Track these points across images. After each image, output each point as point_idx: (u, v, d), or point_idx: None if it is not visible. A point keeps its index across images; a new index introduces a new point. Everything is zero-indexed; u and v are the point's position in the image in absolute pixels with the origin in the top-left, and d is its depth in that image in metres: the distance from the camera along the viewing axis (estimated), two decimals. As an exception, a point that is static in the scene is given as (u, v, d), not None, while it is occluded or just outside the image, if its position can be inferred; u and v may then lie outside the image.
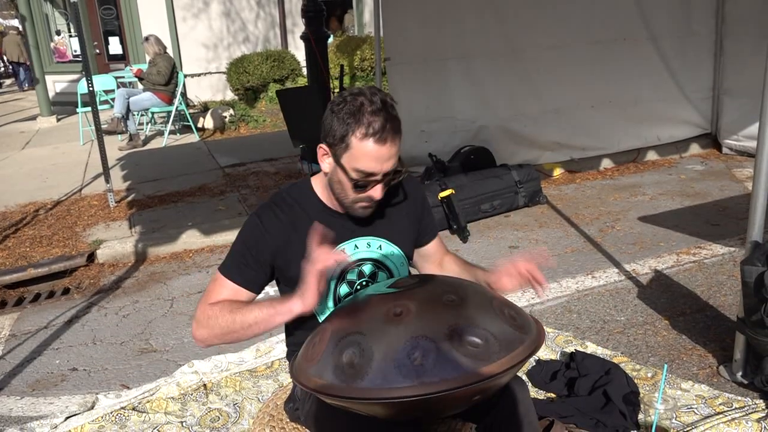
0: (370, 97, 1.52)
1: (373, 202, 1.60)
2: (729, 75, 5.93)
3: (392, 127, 1.51)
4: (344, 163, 1.54)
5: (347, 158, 1.53)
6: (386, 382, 1.26)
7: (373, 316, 1.38)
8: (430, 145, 5.16)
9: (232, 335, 1.56)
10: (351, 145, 1.51)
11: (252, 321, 1.52)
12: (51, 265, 4.23)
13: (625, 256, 3.92)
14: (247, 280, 1.63)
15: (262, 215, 1.65)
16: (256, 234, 1.64)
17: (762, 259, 2.34)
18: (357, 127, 1.50)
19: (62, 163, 7.36)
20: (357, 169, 1.53)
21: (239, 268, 1.63)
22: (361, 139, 1.50)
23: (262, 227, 1.63)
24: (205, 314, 1.59)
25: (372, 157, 1.51)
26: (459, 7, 5.16)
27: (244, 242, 1.65)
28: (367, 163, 1.52)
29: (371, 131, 1.49)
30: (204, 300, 1.63)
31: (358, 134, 1.50)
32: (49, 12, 11.56)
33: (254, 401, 2.60)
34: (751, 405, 2.36)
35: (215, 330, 1.57)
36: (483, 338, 1.31)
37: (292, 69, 10.36)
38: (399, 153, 1.56)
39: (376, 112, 1.50)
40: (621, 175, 5.67)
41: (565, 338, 2.94)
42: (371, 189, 1.56)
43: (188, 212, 5.21)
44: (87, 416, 2.52)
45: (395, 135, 1.52)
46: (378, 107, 1.50)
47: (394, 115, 1.53)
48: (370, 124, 1.49)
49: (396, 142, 1.53)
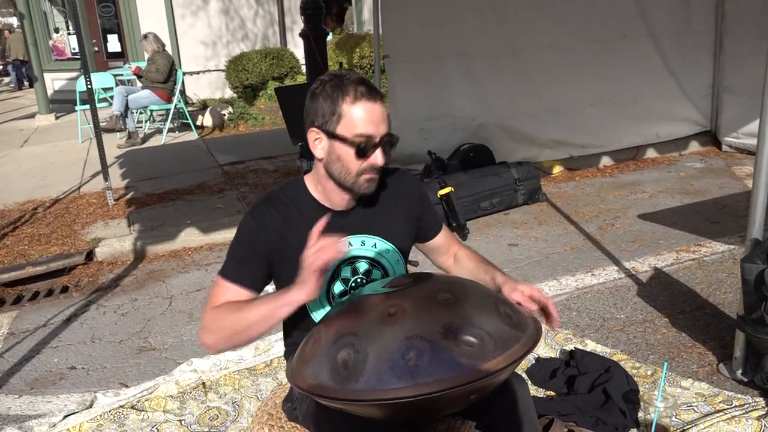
0: (346, 72, 1.59)
1: (376, 170, 1.60)
2: (728, 73, 5.92)
3: (379, 92, 1.57)
4: (341, 133, 1.55)
5: (343, 127, 1.55)
6: (381, 383, 1.26)
7: (368, 317, 1.37)
8: (430, 143, 5.16)
9: (239, 336, 1.56)
10: (343, 113, 1.54)
11: (257, 318, 1.52)
12: (49, 264, 4.23)
13: (625, 253, 3.92)
14: (248, 280, 1.63)
15: (256, 214, 1.65)
16: (251, 232, 1.63)
17: (762, 257, 2.34)
18: (345, 95, 1.53)
19: (61, 161, 7.34)
20: (356, 134, 1.54)
21: (238, 268, 1.63)
22: (353, 103, 1.53)
23: (257, 225, 1.63)
24: (210, 319, 1.59)
25: (368, 117, 1.54)
26: (458, 5, 5.16)
27: (241, 241, 1.65)
28: (365, 125, 1.54)
29: (360, 93, 1.53)
30: (207, 306, 1.63)
31: (348, 100, 1.53)
32: (48, 10, 11.53)
33: (253, 399, 2.60)
34: (751, 403, 2.35)
35: (222, 333, 1.56)
36: (478, 337, 1.30)
37: (291, 66, 10.34)
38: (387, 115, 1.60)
39: (358, 80, 1.56)
40: (620, 173, 5.67)
41: (565, 336, 2.93)
42: (372, 155, 1.57)
43: (187, 210, 5.20)
44: (85, 415, 2.51)
45: (381, 98, 1.57)
46: (357, 77, 1.57)
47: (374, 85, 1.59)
48: (357, 88, 1.54)
49: (383, 103, 1.58)
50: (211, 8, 10.88)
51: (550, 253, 4.03)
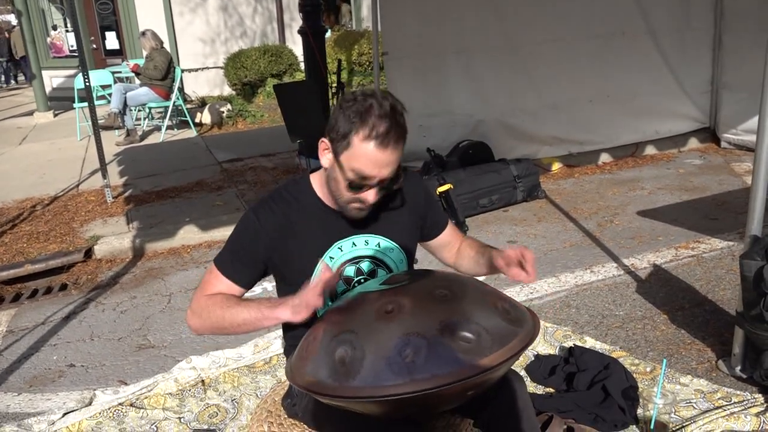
0: (381, 100, 1.51)
1: (366, 204, 1.58)
2: (728, 69, 5.93)
3: (396, 134, 1.50)
4: (342, 160, 1.53)
5: (346, 156, 1.52)
6: (378, 380, 1.26)
7: (365, 314, 1.37)
8: (429, 140, 5.15)
9: (222, 330, 1.61)
10: (352, 144, 1.50)
11: (240, 321, 1.56)
12: (48, 261, 4.22)
13: (624, 250, 3.92)
14: (240, 277, 1.66)
15: (259, 211, 1.64)
16: (251, 231, 1.63)
17: (761, 254, 2.33)
18: (361, 127, 1.49)
19: (59, 158, 7.33)
20: (354, 169, 1.52)
21: (233, 264, 1.65)
22: (363, 140, 1.49)
23: (258, 224, 1.62)
24: (200, 305, 1.63)
25: (371, 160, 1.50)
26: (457, 2, 5.15)
27: (239, 238, 1.66)
28: (365, 166, 1.51)
29: (374, 134, 1.48)
30: (200, 290, 1.67)
31: (361, 134, 1.49)
32: (46, 7, 11.50)
33: (252, 397, 2.59)
34: (750, 399, 2.36)
35: (207, 322, 1.61)
36: (475, 333, 1.30)
37: (289, 64, 10.33)
38: (399, 161, 1.55)
39: (383, 117, 1.49)
40: (619, 170, 5.67)
41: (564, 333, 2.93)
42: (365, 192, 1.55)
43: (186, 208, 5.20)
44: (85, 412, 2.51)
45: (398, 142, 1.51)
46: (386, 111, 1.49)
47: (401, 123, 1.52)
48: (375, 127, 1.48)
49: (398, 150, 1.52)
50: (209, 5, 10.86)
51: (549, 250, 4.03)
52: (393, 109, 1.51)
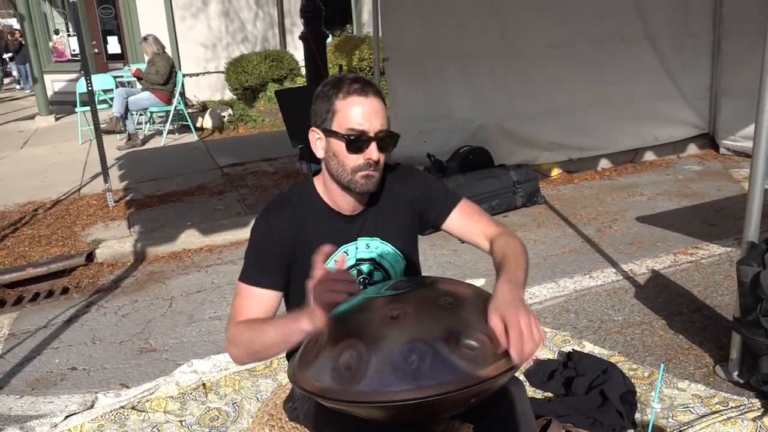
0: (348, 75, 1.61)
1: (372, 168, 1.57)
2: (726, 75, 5.95)
3: (373, 88, 1.58)
4: (335, 128, 1.57)
5: (336, 123, 1.57)
6: (383, 385, 1.26)
7: (370, 319, 1.38)
8: (429, 145, 5.17)
9: (258, 355, 1.53)
10: (337, 109, 1.56)
11: (270, 343, 1.48)
12: (50, 265, 4.24)
13: (623, 256, 3.93)
14: (270, 281, 1.60)
15: (269, 216, 1.65)
16: (266, 234, 1.62)
17: (758, 259, 2.35)
18: (339, 92, 1.57)
19: (61, 162, 7.36)
20: (347, 127, 1.56)
21: (259, 270, 1.60)
22: (344, 97, 1.56)
23: (271, 227, 1.62)
24: (232, 334, 1.55)
25: (358, 110, 1.55)
26: (458, 8, 5.17)
27: (258, 244, 1.63)
28: (355, 119, 1.55)
29: (352, 89, 1.56)
30: (232, 319, 1.58)
31: (341, 96, 1.56)
32: (48, 11, 11.55)
33: (253, 400, 2.61)
34: (747, 404, 2.37)
35: (242, 350, 1.53)
36: (479, 341, 1.31)
37: (290, 69, 10.37)
38: (386, 117, 1.60)
39: (354, 78, 1.59)
40: (619, 176, 5.69)
41: (563, 338, 2.95)
42: (367, 150, 1.56)
43: (187, 212, 5.22)
44: (86, 415, 2.53)
45: (377, 94, 1.58)
46: (355, 76, 1.60)
47: (374, 85, 1.60)
48: (351, 85, 1.56)
49: (379, 101, 1.58)
50: (211, 10, 10.90)
51: (548, 255, 4.05)
52: (358, 75, 1.62)
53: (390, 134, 1.59)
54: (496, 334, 1.32)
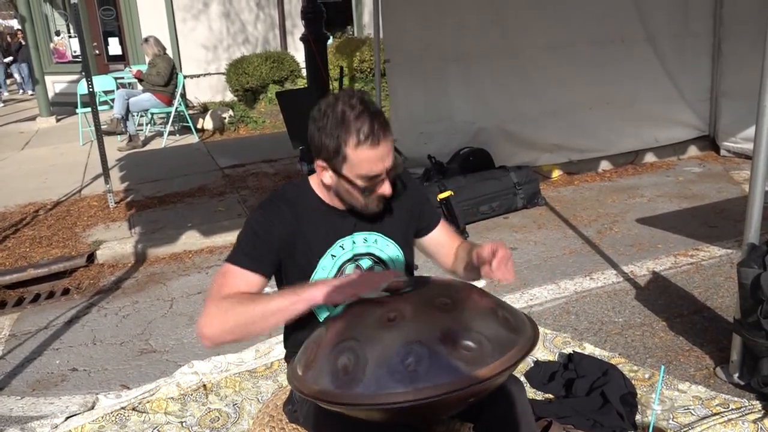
0: (348, 101, 1.52)
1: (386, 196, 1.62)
2: (727, 77, 5.95)
3: (380, 125, 1.52)
4: (346, 174, 1.55)
5: (348, 169, 1.54)
6: (380, 388, 1.27)
7: (367, 322, 1.39)
8: (429, 147, 5.18)
9: (248, 327, 1.49)
10: (348, 156, 1.52)
11: (274, 309, 1.49)
12: (51, 266, 4.24)
13: (623, 257, 3.94)
14: (260, 265, 1.59)
15: (267, 210, 1.65)
16: (262, 225, 1.63)
17: (758, 261, 2.35)
18: (348, 137, 1.50)
19: (62, 163, 7.36)
20: (360, 175, 1.55)
21: (250, 255, 1.60)
22: (356, 147, 1.51)
23: (269, 218, 1.63)
24: (219, 308, 1.51)
25: (371, 160, 1.53)
26: (458, 9, 5.18)
27: (252, 231, 1.62)
28: (369, 168, 1.54)
29: (363, 137, 1.50)
30: (214, 295, 1.54)
31: (351, 144, 1.51)
32: (49, 12, 11.56)
33: (254, 402, 2.61)
34: (748, 406, 2.37)
35: (229, 323, 1.48)
36: (476, 342, 1.31)
37: (291, 70, 10.37)
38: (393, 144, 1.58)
39: (360, 116, 1.50)
40: (619, 177, 5.69)
41: (563, 339, 2.95)
42: (379, 188, 1.58)
43: (188, 213, 5.22)
44: (87, 416, 2.53)
45: (385, 131, 1.53)
46: (360, 110, 1.51)
47: (377, 111, 1.54)
48: (359, 131, 1.50)
49: (388, 137, 1.54)
50: (212, 12, 10.91)
51: (549, 257, 4.05)
52: (363, 103, 1.52)
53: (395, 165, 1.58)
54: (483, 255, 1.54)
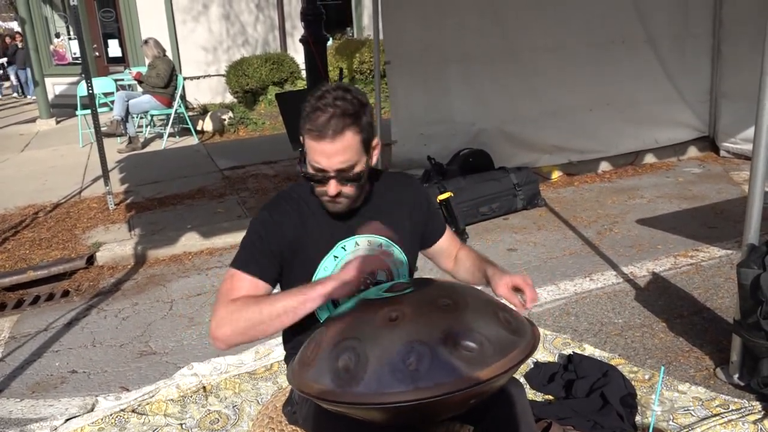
0: (323, 93, 1.53)
1: (332, 197, 1.58)
2: (726, 78, 5.95)
3: (336, 124, 1.49)
4: (306, 159, 1.59)
5: (306, 155, 1.58)
6: (381, 387, 1.27)
7: (369, 321, 1.39)
8: (429, 148, 5.18)
9: (258, 328, 1.51)
10: (305, 142, 1.56)
11: (281, 310, 1.51)
12: (50, 268, 4.24)
13: (623, 258, 3.93)
14: (264, 272, 1.61)
15: (272, 210, 1.66)
16: (267, 227, 1.63)
17: (758, 262, 2.35)
18: (306, 124, 1.54)
19: (61, 165, 7.36)
20: (310, 163, 1.57)
21: (255, 260, 1.61)
22: (307, 135, 1.54)
23: (273, 220, 1.64)
24: (227, 310, 1.54)
25: (317, 152, 1.53)
26: (458, 11, 5.19)
27: (257, 234, 1.63)
28: (314, 158, 1.55)
29: (313, 127, 1.52)
30: (222, 299, 1.58)
31: (305, 130, 1.54)
32: (49, 15, 11.57)
33: (253, 403, 2.61)
34: (748, 407, 2.37)
35: (239, 324, 1.51)
36: (478, 342, 1.31)
37: (291, 72, 10.38)
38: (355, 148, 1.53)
39: (322, 108, 1.51)
40: (619, 178, 5.69)
41: (563, 340, 2.95)
42: (326, 185, 1.57)
43: (187, 215, 5.22)
44: (87, 418, 2.53)
45: (339, 131, 1.49)
46: (328, 102, 1.51)
47: (347, 111, 1.50)
48: (313, 121, 1.52)
49: (342, 139, 1.50)
50: (211, 13, 10.92)
51: (548, 258, 4.05)
52: (338, 98, 1.51)
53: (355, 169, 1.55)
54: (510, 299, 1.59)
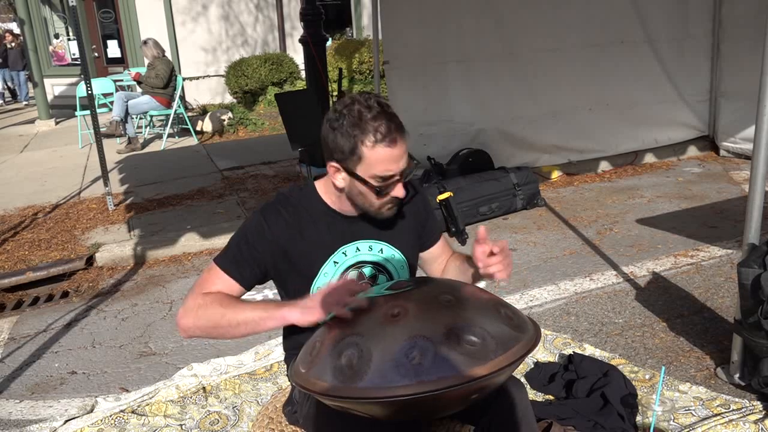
0: (365, 102, 1.52)
1: (398, 200, 1.62)
2: (726, 77, 5.95)
3: (397, 126, 1.53)
4: (361, 174, 1.54)
5: (363, 169, 1.54)
6: (385, 381, 1.27)
7: (371, 318, 1.39)
8: (429, 148, 5.18)
9: (217, 330, 1.55)
10: (363, 156, 1.52)
11: (241, 320, 1.52)
12: (50, 269, 4.24)
13: (623, 258, 3.93)
14: (242, 275, 1.63)
15: (267, 215, 1.65)
16: (258, 233, 1.63)
17: (759, 261, 2.35)
18: (365, 137, 1.50)
19: (61, 166, 7.36)
20: (376, 176, 1.54)
21: (236, 262, 1.63)
22: (373, 147, 1.51)
23: (266, 227, 1.63)
24: (195, 303, 1.57)
25: (387, 161, 1.53)
26: (457, 11, 5.18)
27: (245, 238, 1.64)
28: (385, 168, 1.53)
29: (380, 137, 1.50)
30: (196, 289, 1.62)
31: (368, 143, 1.50)
32: (48, 15, 11.57)
33: (253, 404, 2.61)
34: (749, 407, 2.37)
35: (201, 321, 1.56)
36: (480, 337, 1.32)
37: (290, 72, 10.38)
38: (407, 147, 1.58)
39: (378, 117, 1.51)
40: (619, 178, 5.69)
41: (564, 340, 2.94)
42: (393, 190, 1.58)
43: (187, 215, 5.22)
44: (86, 419, 2.52)
45: (402, 132, 1.54)
46: (377, 111, 1.51)
47: (393, 114, 1.55)
48: (377, 130, 1.50)
49: (404, 139, 1.55)
50: (211, 14, 10.92)
51: (548, 257, 4.04)
52: (381, 105, 1.54)
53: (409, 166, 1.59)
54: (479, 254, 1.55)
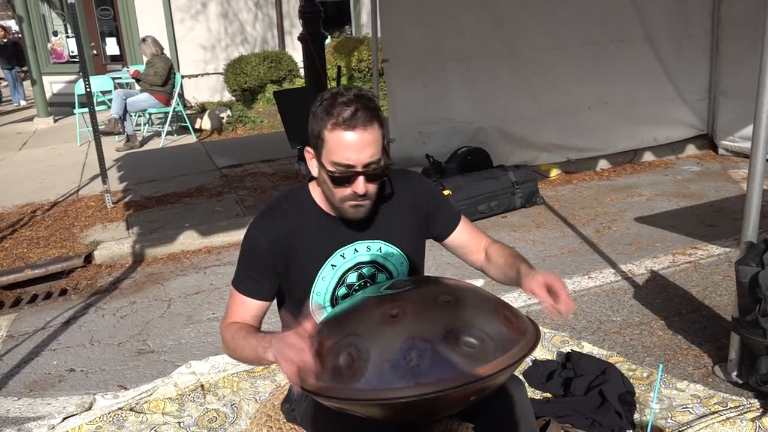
0: (343, 91, 1.51)
1: (360, 199, 1.54)
2: (724, 76, 5.95)
3: (364, 115, 1.47)
4: (323, 159, 1.52)
5: (325, 154, 1.51)
6: (382, 383, 1.27)
7: (370, 318, 1.38)
8: (428, 147, 5.18)
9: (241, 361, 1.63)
10: (325, 139, 1.50)
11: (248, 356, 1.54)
12: (48, 266, 4.23)
13: (622, 256, 3.93)
14: (257, 292, 1.65)
15: (259, 226, 1.64)
16: (252, 246, 1.64)
17: (756, 260, 2.35)
18: (328, 120, 1.48)
19: (59, 164, 7.35)
20: (333, 161, 1.50)
21: (245, 281, 1.65)
22: (332, 129, 1.48)
23: (259, 239, 1.62)
24: (223, 335, 1.64)
25: (344, 146, 1.48)
26: (457, 9, 5.18)
27: (244, 254, 1.66)
28: (341, 154, 1.48)
29: (341, 120, 1.47)
30: (225, 318, 1.67)
31: (329, 126, 1.48)
32: (46, 13, 11.55)
33: (251, 402, 2.61)
34: (746, 404, 2.37)
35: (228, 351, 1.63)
36: (479, 338, 1.31)
37: (289, 70, 10.37)
38: (380, 143, 1.52)
39: (347, 102, 1.48)
40: (617, 176, 5.69)
41: (562, 338, 2.95)
42: (353, 184, 1.51)
43: (186, 213, 5.21)
44: (84, 417, 2.52)
45: (368, 122, 1.48)
46: (349, 98, 1.49)
47: (370, 106, 1.49)
48: (340, 114, 1.47)
49: (372, 131, 1.49)
50: (210, 12, 10.90)
51: (547, 256, 4.04)
52: (358, 95, 1.50)
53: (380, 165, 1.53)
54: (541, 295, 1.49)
